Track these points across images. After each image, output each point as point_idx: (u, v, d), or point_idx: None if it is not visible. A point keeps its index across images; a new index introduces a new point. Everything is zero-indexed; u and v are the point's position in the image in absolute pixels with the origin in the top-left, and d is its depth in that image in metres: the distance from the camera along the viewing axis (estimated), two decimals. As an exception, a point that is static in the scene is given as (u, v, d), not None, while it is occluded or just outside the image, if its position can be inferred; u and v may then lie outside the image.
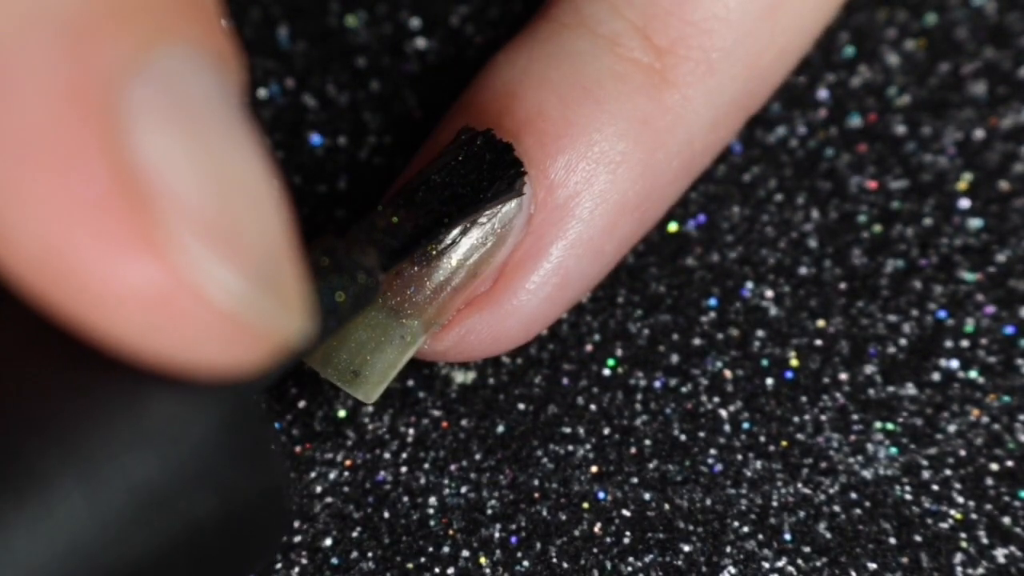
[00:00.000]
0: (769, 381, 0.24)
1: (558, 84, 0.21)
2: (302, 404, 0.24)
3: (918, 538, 0.23)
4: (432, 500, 0.23)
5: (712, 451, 0.23)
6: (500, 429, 0.23)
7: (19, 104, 0.12)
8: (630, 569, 0.22)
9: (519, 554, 0.23)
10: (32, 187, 0.12)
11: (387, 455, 0.23)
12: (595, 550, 0.23)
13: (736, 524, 0.23)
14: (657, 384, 0.24)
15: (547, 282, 0.22)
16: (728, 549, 0.23)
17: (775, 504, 0.23)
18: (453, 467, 0.23)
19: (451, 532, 0.23)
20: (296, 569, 0.22)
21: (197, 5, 0.13)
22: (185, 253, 0.12)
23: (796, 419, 0.24)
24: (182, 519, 0.12)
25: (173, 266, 0.12)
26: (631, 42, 0.21)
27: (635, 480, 0.23)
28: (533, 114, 0.21)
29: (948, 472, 0.23)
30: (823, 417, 0.24)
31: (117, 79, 0.12)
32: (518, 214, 0.21)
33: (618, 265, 0.25)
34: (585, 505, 0.23)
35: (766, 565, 0.22)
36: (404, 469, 0.23)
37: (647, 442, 0.23)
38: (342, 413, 0.24)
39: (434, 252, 0.21)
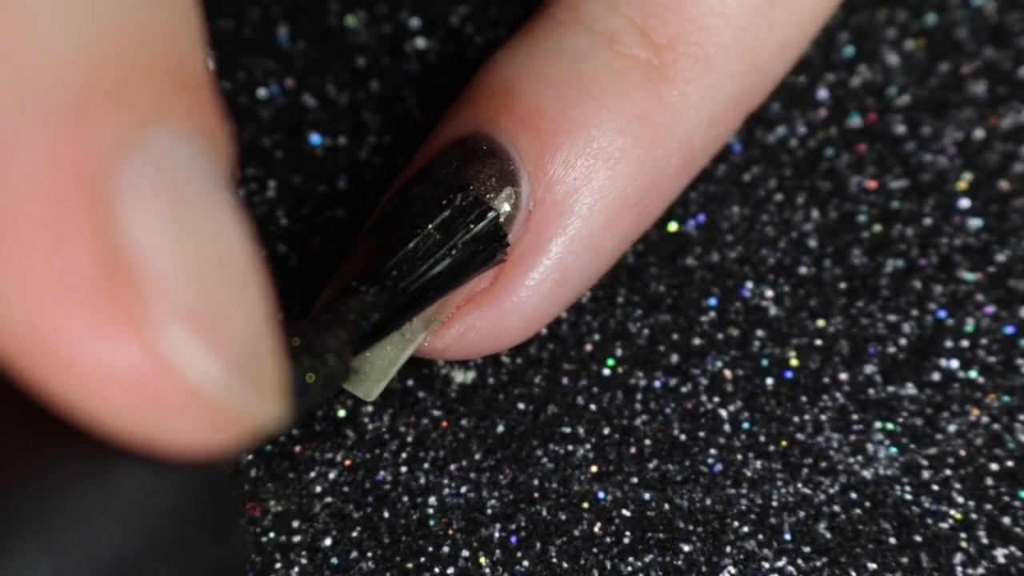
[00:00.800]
0: (769, 381, 0.24)
1: (556, 81, 0.21)
2: (302, 404, 0.24)
3: (918, 538, 0.23)
4: (432, 500, 0.23)
5: (712, 451, 0.23)
6: (500, 429, 0.23)
7: (9, 179, 0.12)
8: (630, 569, 0.22)
9: (519, 554, 0.22)
10: (18, 263, 0.12)
11: (387, 455, 0.23)
12: (595, 550, 0.23)
13: (736, 524, 0.23)
14: (657, 384, 0.24)
15: (547, 279, 0.22)
16: (728, 549, 0.23)
17: (775, 504, 0.23)
18: (453, 467, 0.23)
19: (451, 532, 0.23)
20: (296, 569, 0.22)
21: (191, 86, 0.13)
22: (166, 337, 0.12)
23: (796, 419, 0.24)
24: None
25: (153, 349, 0.12)
26: (629, 39, 0.21)
27: (635, 480, 0.23)
28: (531, 111, 0.21)
29: (948, 472, 0.23)
30: (823, 417, 0.24)
31: (109, 159, 0.12)
32: (517, 212, 0.21)
33: (618, 265, 0.25)
34: (585, 505, 0.23)
35: (766, 565, 0.22)
36: (404, 469, 0.23)
37: (647, 442, 0.23)
38: (342, 413, 0.24)
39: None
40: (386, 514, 0.23)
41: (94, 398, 0.12)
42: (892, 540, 0.23)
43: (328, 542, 0.23)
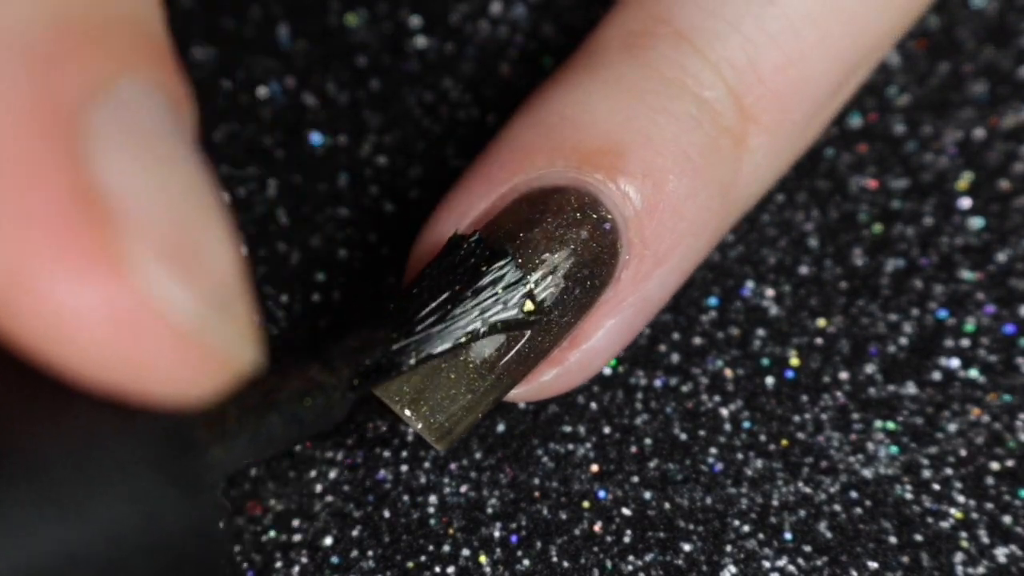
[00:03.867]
0: (770, 380, 0.24)
1: (664, 149, 0.21)
2: (302, 403, 0.24)
3: (919, 537, 0.23)
4: (432, 499, 0.23)
5: (713, 450, 0.23)
6: (500, 428, 0.23)
7: None
8: (631, 568, 0.22)
9: (519, 553, 0.22)
10: None
11: (387, 454, 0.23)
12: (595, 549, 0.23)
13: (737, 523, 0.23)
14: (658, 383, 0.24)
15: (619, 341, 0.22)
16: (728, 548, 0.23)
17: (775, 503, 0.23)
18: (453, 466, 0.23)
19: (451, 531, 0.23)
20: (296, 568, 0.22)
21: (154, 47, 0.14)
22: (143, 271, 0.12)
23: (797, 418, 0.24)
24: (103, 534, 0.12)
25: (131, 284, 0.12)
26: (728, 110, 0.21)
27: (636, 479, 0.23)
28: (639, 178, 0.21)
29: (949, 471, 0.23)
30: (824, 416, 0.24)
31: (81, 103, 0.12)
32: (607, 287, 0.21)
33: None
34: (585, 504, 0.23)
35: (767, 564, 0.22)
36: (404, 468, 0.23)
37: (648, 441, 0.23)
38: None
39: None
40: (386, 513, 0.23)
41: (72, 340, 0.12)
42: (893, 539, 0.23)
43: (329, 541, 0.23)
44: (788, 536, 0.23)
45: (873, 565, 0.22)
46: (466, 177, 0.22)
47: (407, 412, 0.20)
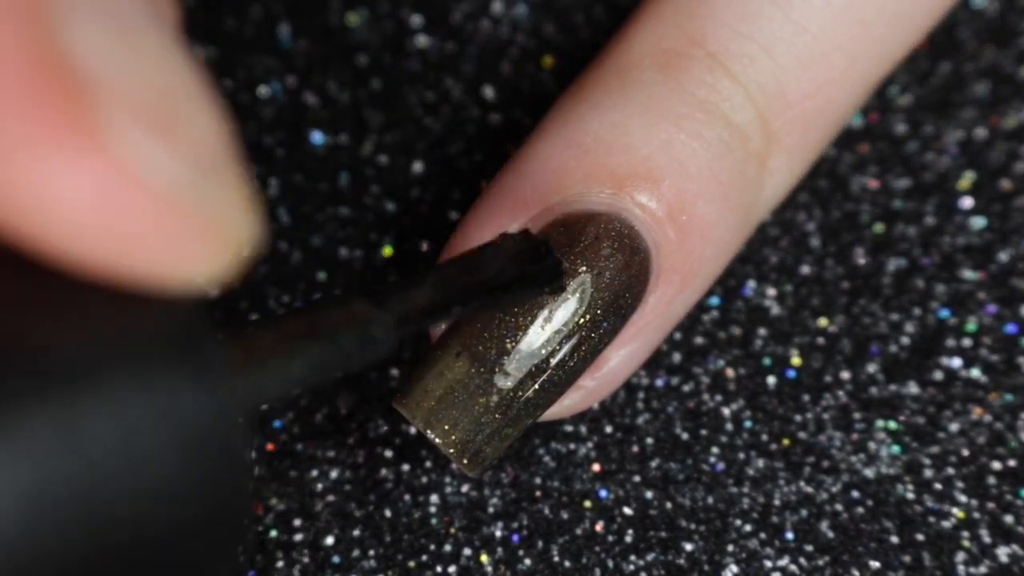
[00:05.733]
0: (771, 380, 0.24)
1: (696, 174, 0.21)
2: (304, 403, 0.24)
3: (920, 537, 0.23)
4: (434, 498, 0.23)
5: (714, 450, 0.23)
6: (502, 427, 0.23)
7: None
8: (632, 568, 0.22)
9: (521, 552, 0.22)
10: None
11: (389, 453, 0.23)
12: (597, 548, 0.22)
13: (738, 523, 0.23)
14: (659, 382, 0.24)
15: (637, 361, 0.22)
16: (730, 548, 0.23)
17: (777, 503, 0.23)
18: (454, 465, 0.23)
19: (452, 530, 0.23)
20: (297, 567, 0.22)
21: None
22: (124, 140, 0.11)
23: (798, 418, 0.24)
24: (117, 431, 0.12)
25: (114, 155, 0.11)
26: (755, 134, 0.21)
27: (637, 478, 0.23)
28: (673, 205, 0.20)
29: (950, 471, 0.23)
30: (825, 416, 0.24)
31: None
32: (637, 309, 0.21)
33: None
34: (587, 503, 0.23)
35: (768, 564, 0.22)
36: (406, 467, 0.23)
37: (649, 440, 0.23)
38: (344, 411, 0.23)
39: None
40: (388, 513, 0.23)
41: (56, 220, 0.11)
42: (894, 539, 0.23)
43: (330, 540, 0.22)
44: (790, 536, 0.23)
45: (875, 565, 0.22)
46: (496, 193, 0.21)
47: (434, 437, 0.20)
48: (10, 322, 0.12)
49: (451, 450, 0.20)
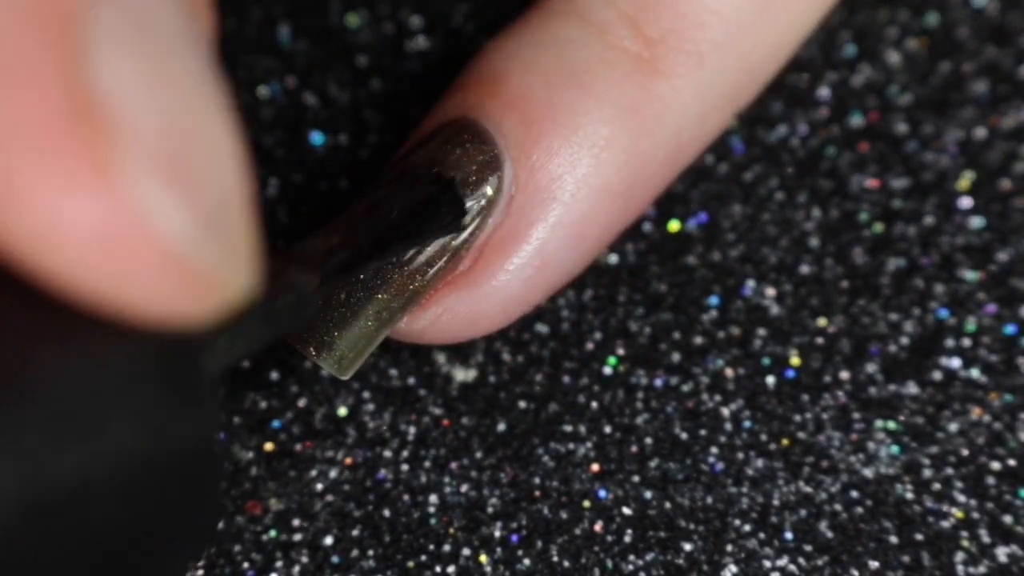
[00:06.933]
0: (770, 380, 0.24)
1: (545, 68, 0.21)
2: (302, 403, 0.24)
3: (919, 537, 0.23)
4: (433, 498, 0.23)
5: (713, 449, 0.23)
6: (501, 427, 0.23)
7: None
8: (631, 568, 0.22)
9: (520, 552, 0.22)
10: None
11: (388, 453, 0.23)
12: (596, 548, 0.22)
13: (737, 523, 0.23)
14: (658, 382, 0.24)
15: (528, 264, 0.21)
16: (729, 548, 0.23)
17: (776, 503, 0.23)
18: (454, 465, 0.23)
19: (452, 530, 0.23)
20: (297, 567, 0.22)
21: None
22: (136, 185, 0.11)
23: (797, 418, 0.24)
24: (111, 453, 0.12)
25: (122, 198, 0.11)
26: (621, 31, 0.21)
27: (636, 478, 0.23)
28: (518, 97, 0.21)
29: (950, 471, 0.23)
30: (824, 416, 0.24)
31: (82, 3, 0.12)
32: (499, 197, 0.21)
33: (619, 263, 0.25)
34: (586, 503, 0.23)
35: (767, 564, 0.22)
36: (405, 467, 0.23)
37: (648, 440, 0.23)
38: (343, 411, 0.23)
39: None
40: (387, 512, 0.23)
41: (56, 251, 0.11)
42: (893, 539, 0.23)
43: (329, 540, 0.23)
44: (789, 536, 0.23)
45: (874, 565, 0.22)
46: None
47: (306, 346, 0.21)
48: (10, 347, 0.12)
49: (311, 350, 0.20)
